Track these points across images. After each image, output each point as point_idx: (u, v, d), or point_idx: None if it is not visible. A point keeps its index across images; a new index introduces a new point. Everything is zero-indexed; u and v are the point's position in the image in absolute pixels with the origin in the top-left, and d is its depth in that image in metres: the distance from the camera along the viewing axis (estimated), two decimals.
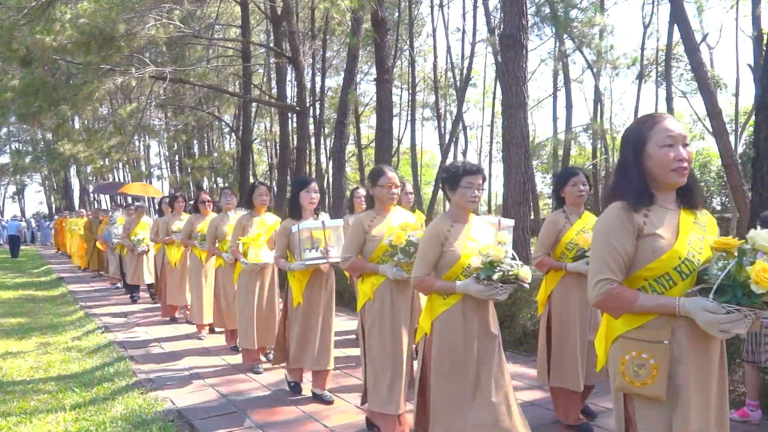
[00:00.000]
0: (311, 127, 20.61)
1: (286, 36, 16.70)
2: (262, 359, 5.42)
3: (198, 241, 6.38)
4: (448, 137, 18.95)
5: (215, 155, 28.69)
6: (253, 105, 21.12)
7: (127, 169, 34.07)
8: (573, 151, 24.21)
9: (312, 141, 20.82)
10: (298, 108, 16.63)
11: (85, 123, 23.62)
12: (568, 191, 3.76)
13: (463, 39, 21.64)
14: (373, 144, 16.53)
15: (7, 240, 22.87)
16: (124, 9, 12.43)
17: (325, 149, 25.78)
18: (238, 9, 19.98)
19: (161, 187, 31.17)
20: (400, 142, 24.98)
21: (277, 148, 23.19)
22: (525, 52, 7.57)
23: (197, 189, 26.68)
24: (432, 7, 20.31)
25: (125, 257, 9.86)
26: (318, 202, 4.42)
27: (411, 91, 19.34)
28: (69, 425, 3.96)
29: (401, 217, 3.65)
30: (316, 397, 4.36)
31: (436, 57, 20.18)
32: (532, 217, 9.05)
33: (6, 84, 12.27)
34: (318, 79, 22.36)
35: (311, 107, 20.71)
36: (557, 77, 22.13)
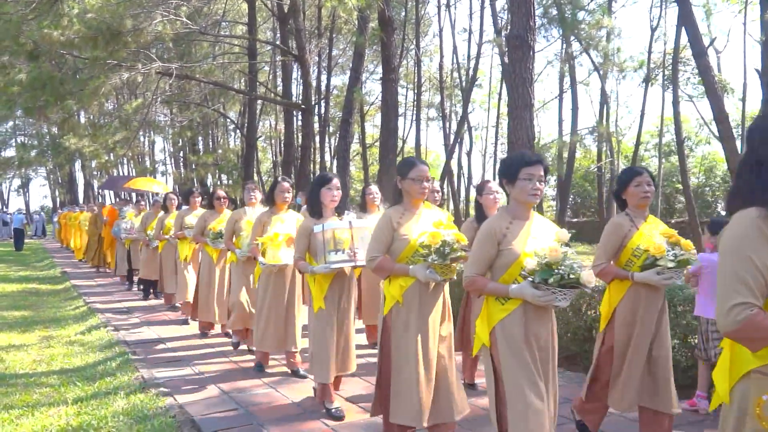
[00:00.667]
0: (316, 126, 20.62)
1: (292, 34, 16.75)
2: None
3: (210, 239, 6.12)
4: (453, 138, 18.92)
5: (220, 152, 28.74)
6: (259, 102, 21.16)
7: (132, 165, 34.18)
8: (578, 154, 24.16)
9: (317, 139, 20.82)
10: (303, 106, 16.67)
11: (91, 118, 23.68)
12: (631, 192, 3.40)
13: (470, 39, 21.59)
14: (378, 143, 16.52)
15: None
16: (131, 5, 12.50)
17: (330, 148, 25.80)
18: (245, 6, 20.04)
19: (165, 183, 31.23)
20: (404, 141, 24.96)
21: (282, 145, 23.29)
22: (532, 53, 7.57)
23: (201, 185, 26.75)
24: (439, 7, 20.24)
25: (139, 251, 9.77)
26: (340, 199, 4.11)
27: (416, 91, 19.29)
28: (71, 419, 3.96)
29: (432, 215, 3.31)
30: (328, 412, 4.03)
31: (442, 57, 20.15)
32: None
33: (13, 78, 12.32)
34: (324, 78, 22.39)
35: (316, 105, 20.73)
36: (563, 79, 22.09)
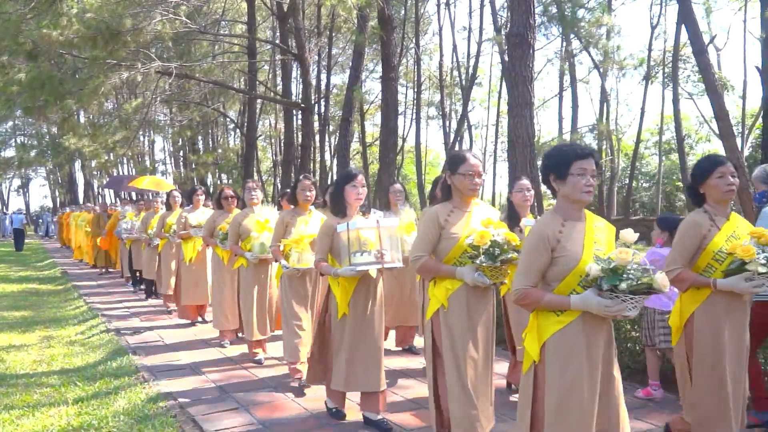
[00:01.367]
0: (316, 125, 20.61)
1: (292, 33, 16.72)
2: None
3: (219, 240, 5.89)
4: (453, 136, 18.92)
5: (220, 151, 28.72)
6: (258, 101, 21.15)
7: (132, 164, 34.16)
8: None
9: (317, 138, 20.82)
10: (303, 105, 16.65)
11: (91, 117, 23.67)
12: (713, 185, 2.90)
13: (470, 38, 21.59)
14: (378, 142, 16.51)
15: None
16: (130, 4, 12.48)
17: (330, 146, 25.78)
18: (244, 5, 20.02)
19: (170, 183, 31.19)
20: (404, 140, 24.94)
21: (282, 144, 23.26)
22: (532, 51, 7.58)
23: (200, 185, 26.73)
24: (438, 6, 20.23)
25: (141, 251, 9.74)
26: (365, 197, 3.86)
27: (416, 90, 19.30)
28: (71, 419, 3.96)
29: (484, 213, 3.07)
30: (369, 423, 3.72)
31: (442, 55, 20.14)
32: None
33: (12, 77, 12.30)
34: (323, 77, 22.38)
35: (316, 104, 20.70)
36: (563, 77, 22.09)
